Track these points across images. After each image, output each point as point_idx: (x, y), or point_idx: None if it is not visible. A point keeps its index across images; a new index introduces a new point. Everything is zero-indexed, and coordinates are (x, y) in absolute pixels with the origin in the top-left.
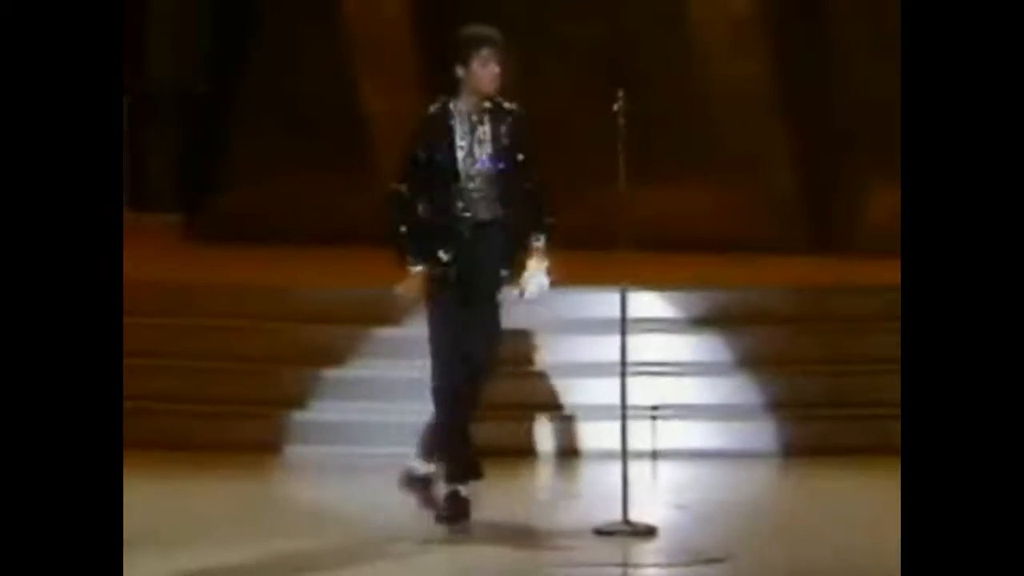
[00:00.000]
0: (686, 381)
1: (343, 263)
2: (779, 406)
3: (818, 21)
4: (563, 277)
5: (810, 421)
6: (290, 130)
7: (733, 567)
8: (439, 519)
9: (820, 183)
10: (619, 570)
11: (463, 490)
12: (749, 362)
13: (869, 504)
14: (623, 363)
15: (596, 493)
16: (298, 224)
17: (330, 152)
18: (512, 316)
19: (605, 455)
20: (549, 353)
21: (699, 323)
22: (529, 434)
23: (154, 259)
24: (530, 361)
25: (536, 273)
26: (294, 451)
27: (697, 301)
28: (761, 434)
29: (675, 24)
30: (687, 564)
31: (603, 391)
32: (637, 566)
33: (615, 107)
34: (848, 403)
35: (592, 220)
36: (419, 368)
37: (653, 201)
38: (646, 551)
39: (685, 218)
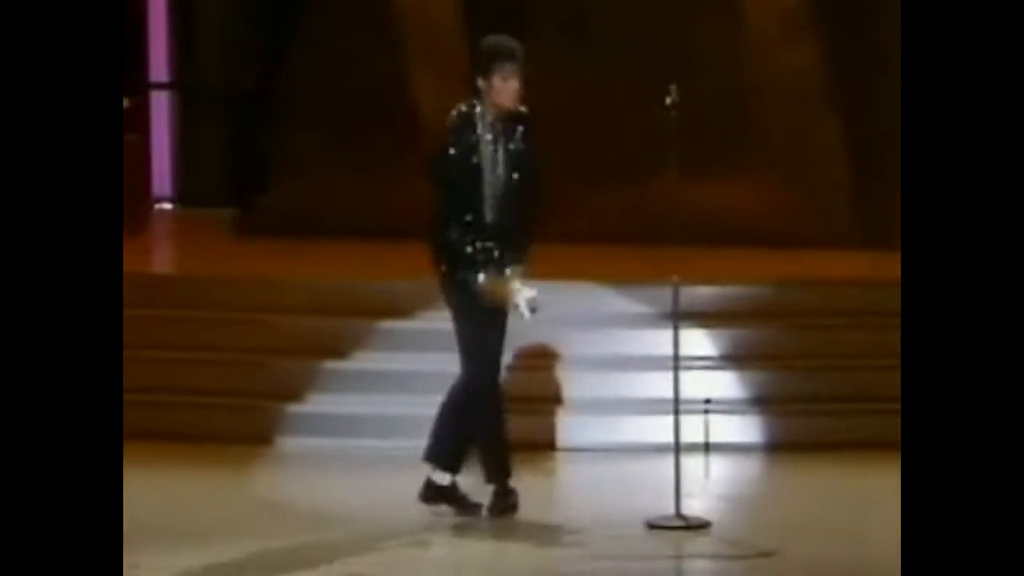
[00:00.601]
0: (736, 375)
1: (387, 257)
2: (829, 400)
3: (870, 12)
4: (614, 271)
5: (861, 415)
6: (340, 125)
7: (785, 561)
8: (491, 512)
9: (872, 177)
10: (671, 563)
11: (510, 483)
12: (798, 356)
13: None
14: (676, 357)
15: (648, 487)
16: (349, 219)
17: (380, 147)
18: (562, 310)
19: (657, 449)
20: (600, 347)
21: (748, 317)
22: (579, 428)
23: (191, 254)
24: (581, 355)
25: (521, 292)
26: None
27: (746, 296)
28: (812, 428)
29: (725, 15)
30: (740, 558)
31: (655, 385)
32: (690, 558)
33: (667, 100)
34: (898, 397)
35: (642, 214)
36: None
37: (703, 195)
38: (698, 544)
39: (735, 212)
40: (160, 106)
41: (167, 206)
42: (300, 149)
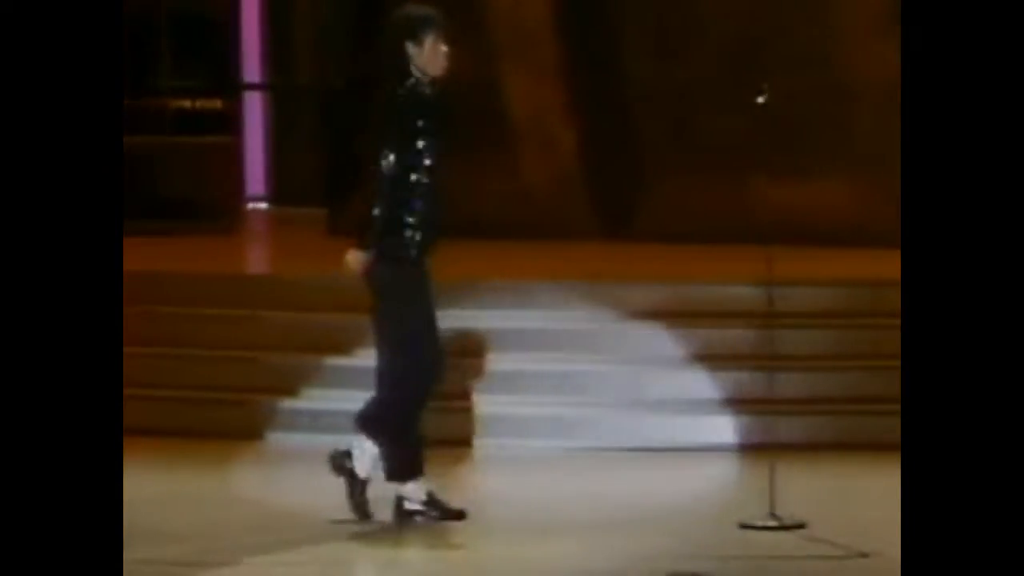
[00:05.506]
0: (831, 375)
1: (473, 256)
2: None
3: None
4: (705, 270)
5: None
6: None
7: (881, 561)
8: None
9: None
10: (765, 563)
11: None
12: (893, 356)
13: None
14: (770, 357)
15: (742, 487)
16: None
17: (471, 148)
18: (656, 308)
19: (752, 448)
20: (691, 346)
21: (840, 317)
22: (673, 428)
23: (279, 252)
24: (676, 354)
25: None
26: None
27: (839, 296)
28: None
29: (816, 14)
30: (834, 558)
31: (748, 385)
32: (783, 559)
33: (759, 100)
34: None
35: (733, 213)
36: None
37: (795, 195)
38: (793, 544)
39: (826, 212)
40: (254, 107)
41: (261, 205)
42: None
